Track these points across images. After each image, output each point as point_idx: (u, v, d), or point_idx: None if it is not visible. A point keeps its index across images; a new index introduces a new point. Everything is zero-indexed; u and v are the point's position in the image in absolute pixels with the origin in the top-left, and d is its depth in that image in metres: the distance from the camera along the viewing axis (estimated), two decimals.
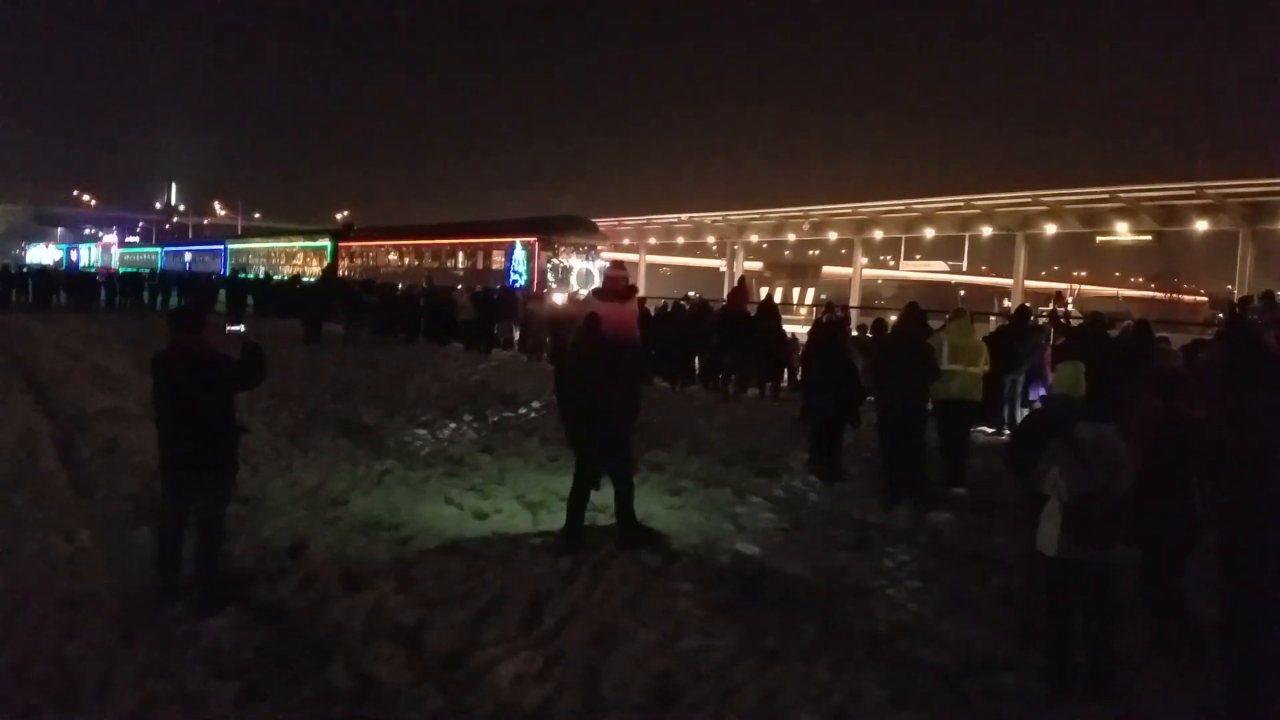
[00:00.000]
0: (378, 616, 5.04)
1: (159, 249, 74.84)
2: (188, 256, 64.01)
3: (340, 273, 40.62)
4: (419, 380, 14.92)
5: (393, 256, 40.24)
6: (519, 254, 30.57)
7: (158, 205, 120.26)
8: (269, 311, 28.65)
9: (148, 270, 47.31)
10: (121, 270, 51.40)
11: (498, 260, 32.81)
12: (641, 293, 18.53)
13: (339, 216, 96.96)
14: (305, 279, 35.98)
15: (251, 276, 40.36)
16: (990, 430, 11.16)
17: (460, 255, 35.74)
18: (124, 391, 12.16)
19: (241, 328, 5.75)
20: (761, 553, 6.48)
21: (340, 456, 8.92)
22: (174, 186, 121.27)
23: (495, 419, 11.57)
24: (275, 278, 40.20)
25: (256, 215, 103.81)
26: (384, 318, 23.80)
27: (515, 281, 29.09)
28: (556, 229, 30.93)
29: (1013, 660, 4.80)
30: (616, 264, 9.43)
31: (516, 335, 20.87)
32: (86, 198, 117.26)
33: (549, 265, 29.85)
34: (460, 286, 25.84)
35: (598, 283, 25.23)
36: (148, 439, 6.09)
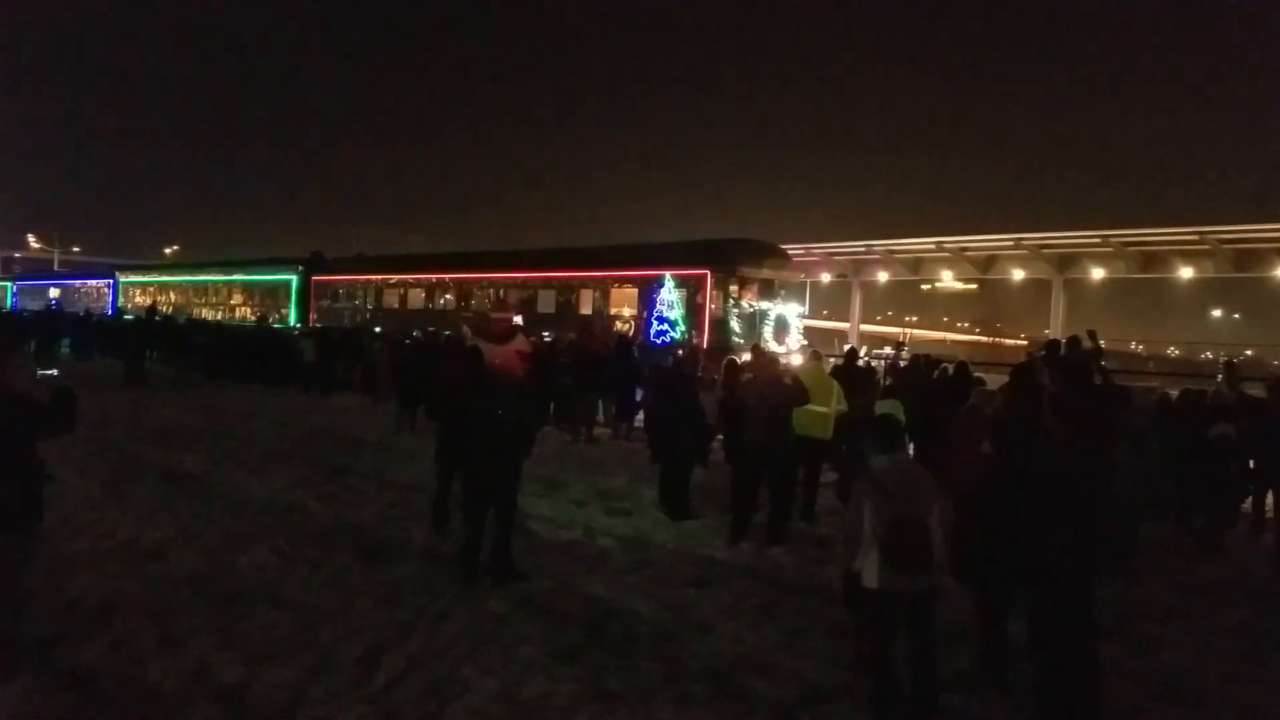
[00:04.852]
0: (198, 676, 4.75)
1: (8, 283, 61.63)
2: (54, 293, 51.19)
3: (311, 318, 32.07)
4: (251, 425, 14.25)
5: (415, 294, 29.18)
6: (670, 294, 21.14)
7: None
8: (88, 351, 26.72)
9: None
10: None
11: (623, 303, 22.96)
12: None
13: (167, 251, 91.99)
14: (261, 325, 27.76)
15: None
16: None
17: (545, 296, 24.49)
18: None
19: (54, 372, 5.34)
20: (609, 593, 6.49)
21: (160, 507, 8.38)
22: None
23: (334, 464, 11.15)
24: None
25: (75, 249, 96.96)
26: (215, 358, 22.64)
27: (663, 335, 20.81)
28: (739, 257, 21.37)
29: (845, 689, 4.95)
30: (502, 304, 9.54)
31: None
32: None
33: (731, 311, 20.69)
34: (547, 336, 18.86)
35: (795, 336, 21.16)
36: None
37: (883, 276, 44.13)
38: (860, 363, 14.51)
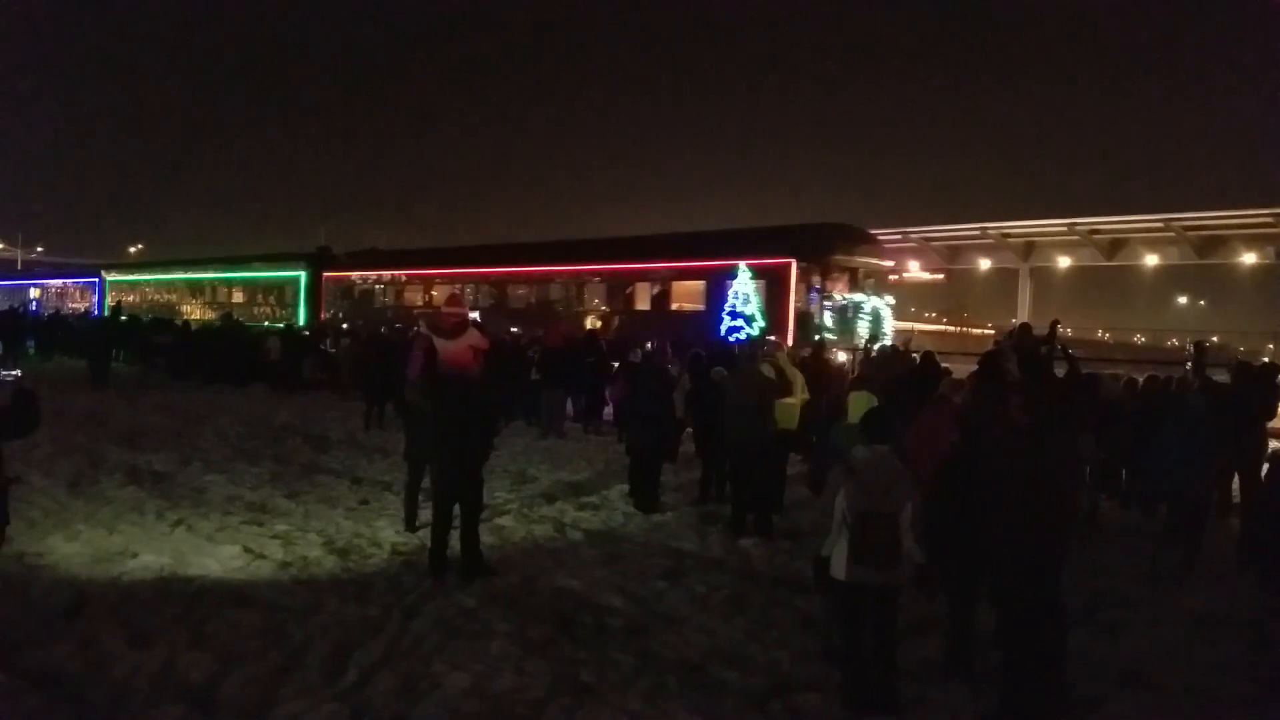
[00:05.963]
0: (166, 675, 4.69)
1: None
2: (34, 293, 47.22)
3: (323, 316, 29.52)
4: (217, 423, 14.09)
5: (445, 291, 25.47)
6: (745, 286, 18.44)
7: None
8: (53, 352, 26.29)
9: None
10: None
11: (688, 297, 20.89)
12: None
13: (132, 250, 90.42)
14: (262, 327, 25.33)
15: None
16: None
17: (591, 290, 22.84)
18: None
19: (17, 372, 5.24)
20: (580, 586, 6.50)
21: (127, 507, 8.28)
22: None
23: (302, 462, 11.07)
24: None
25: (39, 249, 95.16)
26: (180, 358, 22.36)
27: (736, 330, 18.21)
28: (829, 244, 19.16)
29: (815, 679, 4.99)
30: (454, 299, 9.42)
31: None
32: None
33: (820, 305, 18.61)
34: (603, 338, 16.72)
35: (888, 329, 19.34)
36: None
37: None
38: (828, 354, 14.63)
